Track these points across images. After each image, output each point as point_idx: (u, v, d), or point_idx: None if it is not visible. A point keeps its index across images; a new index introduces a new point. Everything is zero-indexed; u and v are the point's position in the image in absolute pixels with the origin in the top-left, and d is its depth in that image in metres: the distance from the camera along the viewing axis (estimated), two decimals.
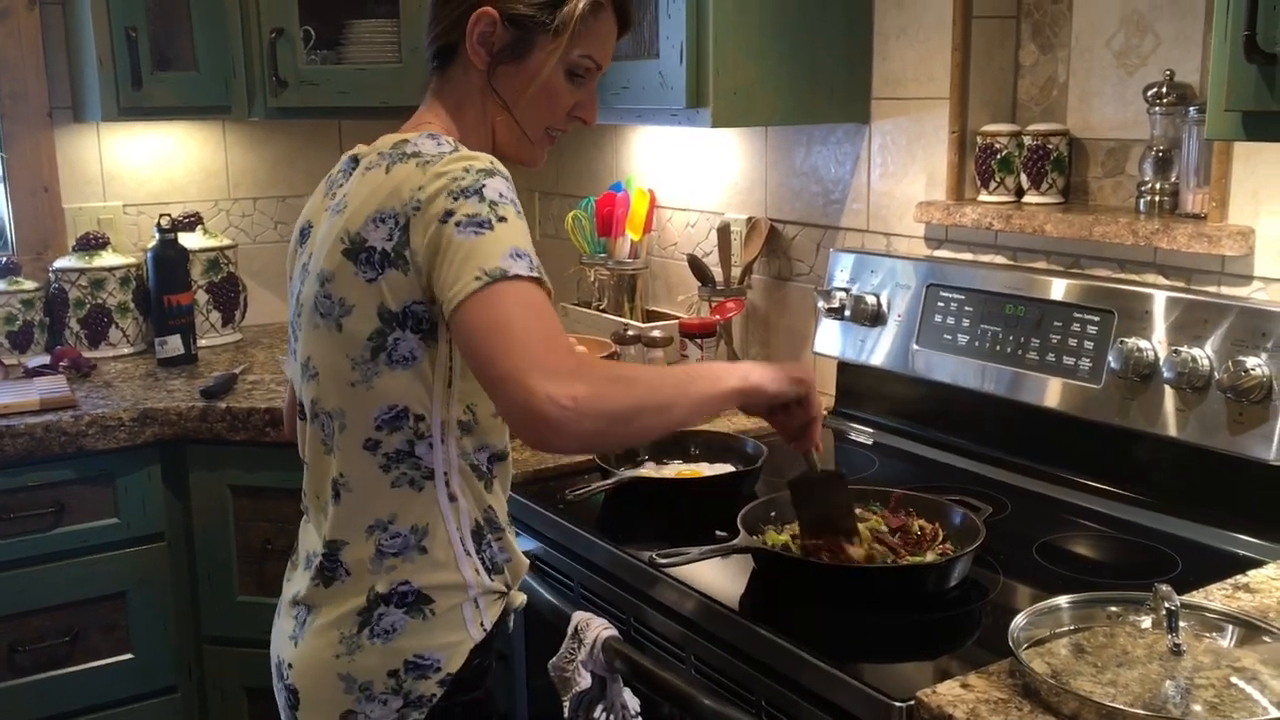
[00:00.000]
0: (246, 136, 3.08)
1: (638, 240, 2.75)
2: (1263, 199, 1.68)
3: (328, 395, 1.39)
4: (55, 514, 2.28)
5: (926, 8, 2.11)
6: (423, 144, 1.35)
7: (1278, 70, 1.22)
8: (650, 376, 1.36)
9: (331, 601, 1.39)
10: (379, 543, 1.37)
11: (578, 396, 1.19)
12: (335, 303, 1.34)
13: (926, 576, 1.48)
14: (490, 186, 1.28)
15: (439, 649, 1.37)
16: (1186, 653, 1.21)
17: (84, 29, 2.62)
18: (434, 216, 1.27)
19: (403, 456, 1.36)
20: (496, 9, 1.39)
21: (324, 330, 1.37)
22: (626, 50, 2.22)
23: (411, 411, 1.35)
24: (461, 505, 1.39)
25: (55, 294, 2.76)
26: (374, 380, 1.34)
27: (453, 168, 1.29)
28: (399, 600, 1.36)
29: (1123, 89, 1.92)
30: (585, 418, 1.19)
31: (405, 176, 1.31)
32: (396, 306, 1.31)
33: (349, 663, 1.36)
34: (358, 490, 1.38)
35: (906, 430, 2.13)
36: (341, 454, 1.38)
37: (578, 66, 1.43)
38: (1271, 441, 1.56)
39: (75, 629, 2.33)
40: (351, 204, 1.36)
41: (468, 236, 1.25)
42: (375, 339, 1.33)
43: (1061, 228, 1.87)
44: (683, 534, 1.64)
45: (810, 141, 2.40)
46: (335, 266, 1.34)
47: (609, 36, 1.46)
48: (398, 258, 1.30)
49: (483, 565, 1.40)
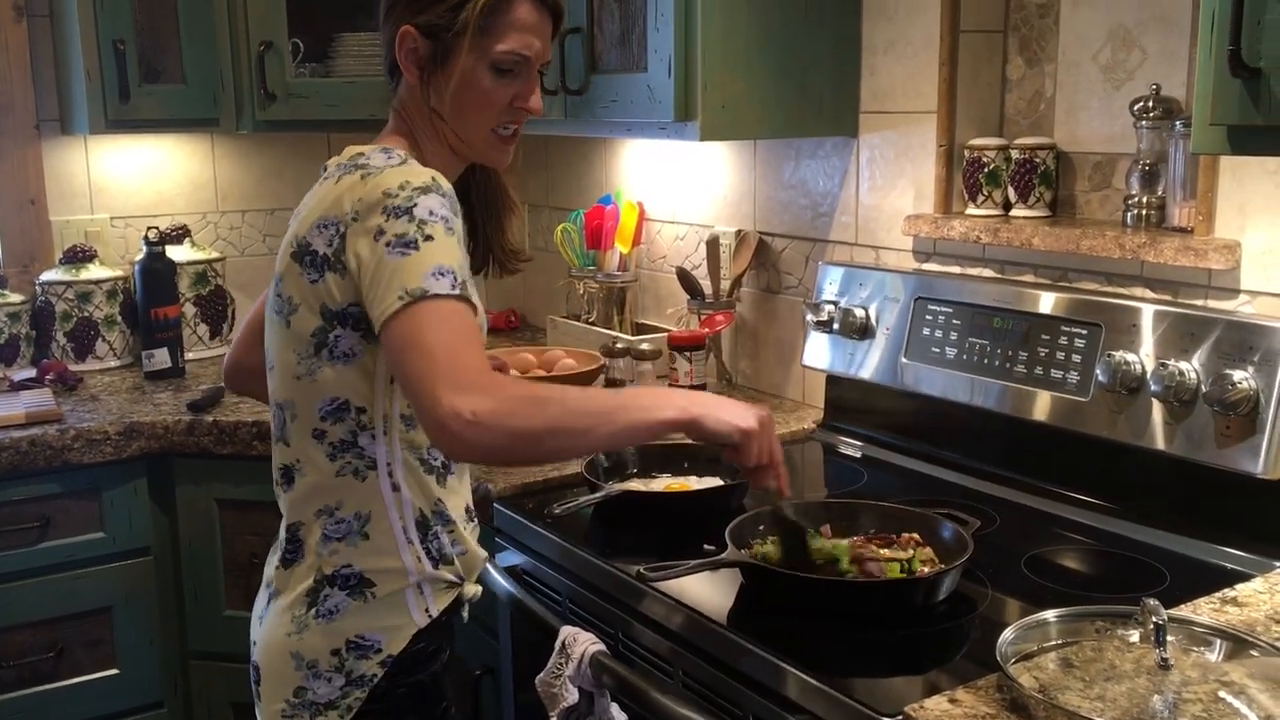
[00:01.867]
0: (235, 149, 3.07)
1: (627, 253, 2.75)
2: (1249, 213, 1.68)
3: (280, 387, 1.47)
4: (40, 528, 2.27)
5: (914, 23, 2.12)
6: (374, 157, 1.43)
7: (1262, 84, 1.22)
8: (571, 400, 1.37)
9: (288, 583, 1.47)
10: (325, 527, 1.45)
11: (479, 411, 1.24)
12: (285, 301, 1.44)
13: (915, 590, 1.47)
14: (422, 205, 1.34)
15: (380, 630, 1.44)
16: (1174, 667, 1.20)
17: (72, 42, 2.61)
18: (367, 231, 1.34)
19: (347, 446, 1.44)
20: (413, 25, 1.46)
21: (278, 327, 1.46)
22: (615, 63, 2.22)
23: (353, 404, 1.43)
24: (405, 496, 1.45)
25: (42, 307, 2.75)
26: (316, 374, 1.42)
27: (390, 183, 1.36)
28: (342, 582, 1.44)
29: (1109, 103, 1.93)
30: (487, 432, 1.24)
31: (349, 187, 1.39)
32: (336, 306, 1.39)
33: (298, 641, 1.44)
34: (309, 475, 1.46)
35: (895, 443, 2.13)
36: (294, 441, 1.47)
37: (501, 62, 1.46)
38: (1259, 455, 1.56)
39: (60, 644, 2.31)
40: (304, 211, 1.45)
41: (395, 256, 1.31)
42: (318, 335, 1.41)
43: (1049, 241, 1.87)
44: (671, 548, 1.64)
45: (799, 155, 2.41)
46: (285, 268, 1.44)
47: (532, 26, 1.47)
48: (336, 262, 1.38)
49: (426, 554, 1.47)
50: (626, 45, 2.19)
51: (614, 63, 2.23)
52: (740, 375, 2.59)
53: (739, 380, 2.58)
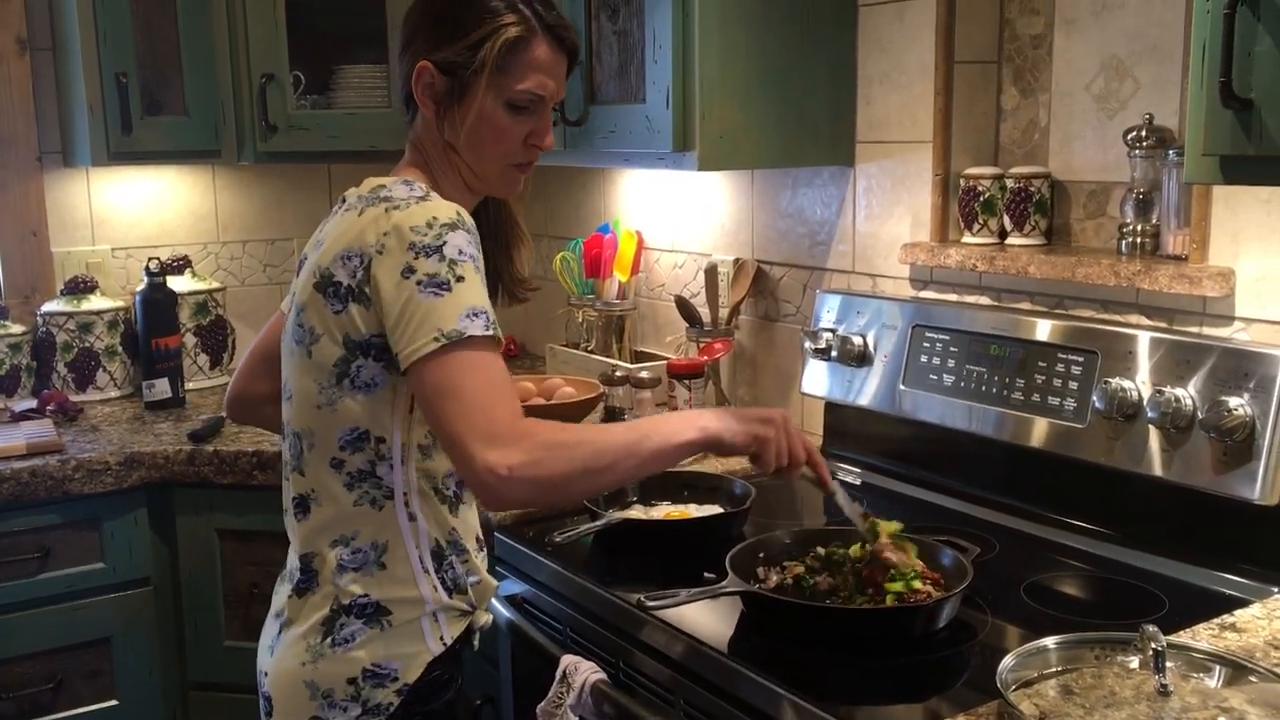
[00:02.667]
0: (236, 180, 3.09)
1: (625, 281, 2.76)
2: (1242, 240, 1.70)
3: (298, 416, 1.48)
4: (40, 559, 2.27)
5: (909, 53, 2.14)
6: (395, 190, 1.44)
7: (1253, 115, 1.24)
8: (596, 439, 1.39)
9: (303, 613, 1.47)
10: (340, 557, 1.45)
11: (513, 465, 1.29)
12: (306, 331, 1.44)
13: (915, 618, 1.48)
14: (451, 243, 1.36)
15: (396, 659, 1.44)
16: (1174, 693, 1.21)
17: (74, 75, 2.64)
18: (395, 268, 1.35)
19: (365, 476, 1.44)
20: (431, 61, 1.47)
21: (298, 356, 1.46)
22: (614, 95, 2.24)
23: (372, 434, 1.43)
24: (421, 525, 1.46)
25: (43, 338, 2.76)
26: (338, 403, 1.43)
27: (417, 219, 1.37)
28: (359, 611, 1.44)
29: (1103, 132, 1.95)
30: (521, 484, 1.30)
31: (373, 219, 1.40)
32: (359, 337, 1.40)
33: (314, 670, 1.44)
34: (325, 505, 1.46)
35: (894, 470, 2.14)
36: (311, 470, 1.47)
37: (517, 100, 1.48)
38: (1256, 481, 1.57)
39: (60, 675, 2.31)
40: (326, 242, 1.45)
41: (428, 296, 1.33)
42: (340, 365, 1.42)
43: (1044, 269, 1.89)
44: (671, 576, 1.64)
45: (796, 184, 2.42)
46: (308, 298, 1.44)
47: (548, 66, 1.50)
48: (360, 294, 1.39)
49: (441, 584, 1.47)
50: (625, 77, 2.21)
51: (613, 94, 2.25)
52: (739, 403, 2.59)
53: (738, 407, 2.59)
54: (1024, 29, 2.06)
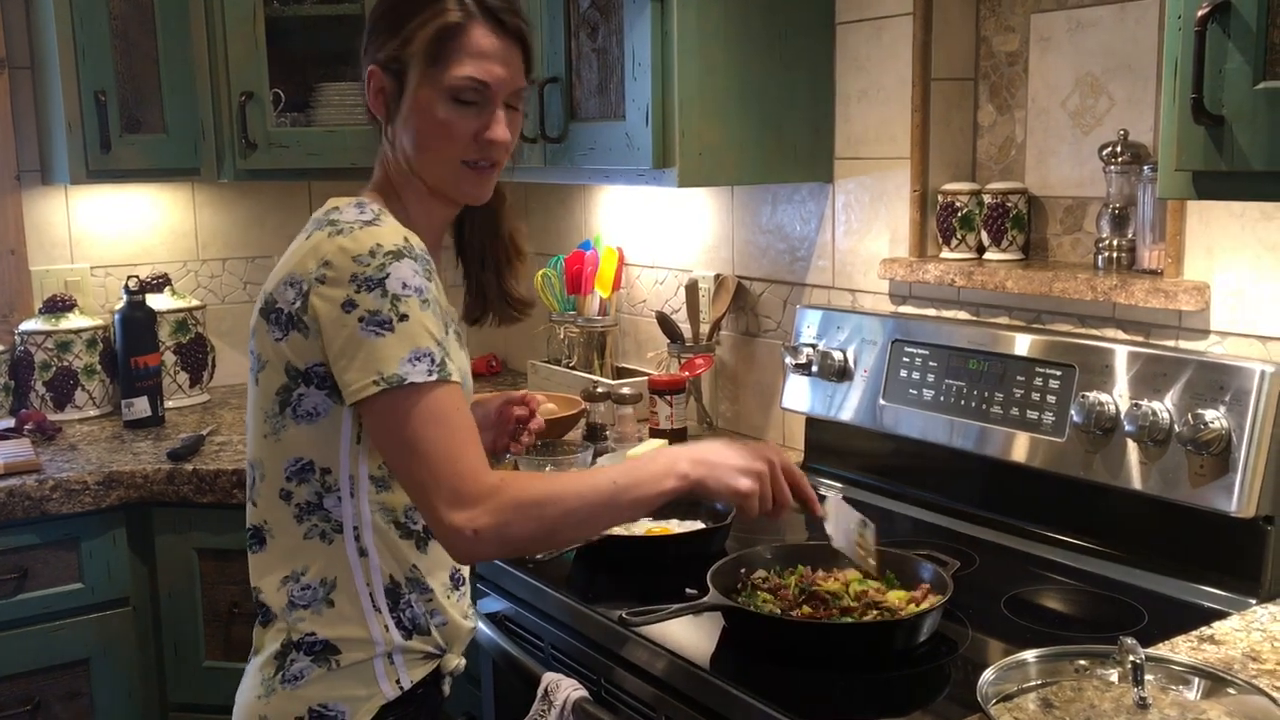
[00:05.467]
0: (216, 198, 3.08)
1: (607, 298, 2.77)
2: (1217, 254, 1.71)
3: (252, 446, 1.45)
4: (18, 579, 2.25)
5: (886, 71, 2.16)
6: (345, 213, 1.39)
7: (1225, 131, 1.25)
8: (569, 496, 1.34)
9: (263, 643, 1.44)
10: (291, 593, 1.41)
11: (479, 528, 1.27)
12: (256, 358, 1.42)
13: (895, 632, 1.48)
14: (394, 275, 1.31)
15: (344, 700, 1.39)
16: (1153, 706, 1.21)
17: (53, 93, 2.63)
18: (336, 300, 1.31)
19: (313, 508, 1.40)
20: (375, 63, 1.44)
21: (251, 385, 1.44)
22: (594, 112, 2.25)
23: (317, 465, 1.39)
24: (373, 561, 1.41)
25: (21, 357, 2.74)
26: (282, 433, 1.40)
27: (360, 247, 1.32)
28: (308, 649, 1.40)
29: (1079, 148, 1.97)
30: (488, 545, 1.29)
31: (316, 244, 1.35)
32: (301, 365, 1.36)
33: (265, 705, 1.41)
34: (278, 537, 1.43)
35: (874, 485, 2.14)
36: (263, 502, 1.44)
37: (460, 90, 1.40)
38: (1232, 493, 1.58)
39: (37, 697, 2.29)
40: (277, 266, 1.41)
41: (368, 335, 1.29)
42: (282, 394, 1.38)
43: (1022, 284, 1.90)
44: (653, 592, 1.64)
45: (775, 200, 2.44)
46: (256, 324, 1.41)
47: (491, 52, 1.41)
48: (299, 321, 1.35)
49: (396, 624, 1.41)
50: (605, 94, 2.22)
51: (593, 111, 2.26)
52: (721, 418, 2.60)
53: (719, 423, 2.59)
54: (1000, 46, 2.08)
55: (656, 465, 1.40)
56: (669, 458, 1.41)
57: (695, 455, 1.41)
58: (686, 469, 1.39)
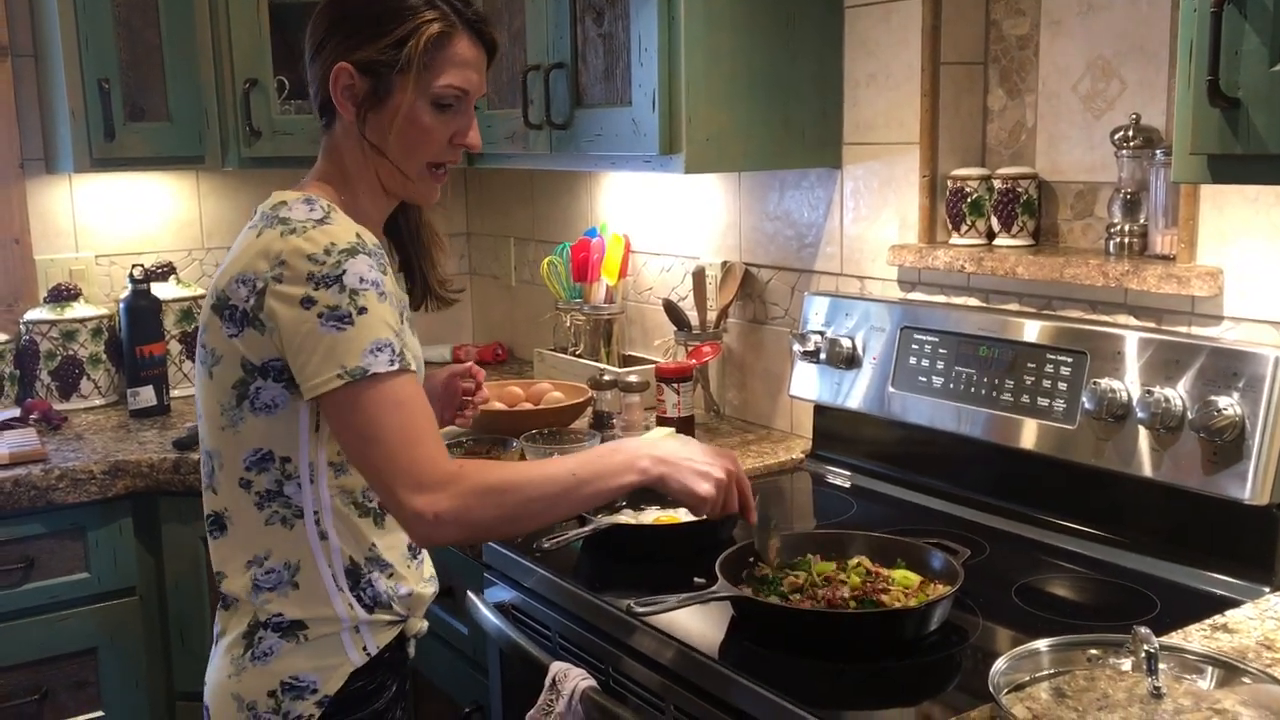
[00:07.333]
0: (220, 186, 3.07)
1: (613, 285, 2.75)
2: (1230, 239, 1.69)
3: (207, 436, 1.48)
4: (24, 569, 2.25)
5: (895, 55, 2.14)
6: (295, 210, 1.42)
7: (1240, 114, 1.23)
8: (528, 485, 1.40)
9: (229, 625, 1.49)
10: (255, 577, 1.45)
11: (440, 513, 1.31)
12: (208, 352, 1.43)
13: (906, 621, 1.47)
14: (351, 271, 1.34)
15: (314, 671, 1.44)
16: (1167, 695, 1.20)
17: (56, 81, 2.62)
18: (294, 297, 1.33)
19: (273, 496, 1.44)
20: (350, 61, 1.44)
21: (202, 377, 1.46)
22: (599, 98, 2.23)
23: (277, 454, 1.42)
24: (333, 543, 1.45)
25: (26, 346, 2.74)
26: (240, 424, 1.42)
27: (314, 246, 1.35)
28: (275, 627, 1.44)
29: (1090, 132, 1.95)
30: (448, 528, 1.33)
31: (269, 243, 1.37)
32: (257, 361, 1.39)
33: (237, 683, 1.45)
34: (238, 524, 1.46)
35: (884, 473, 2.13)
36: (223, 489, 1.47)
37: (442, 97, 1.46)
38: (1246, 481, 1.57)
39: (45, 686, 2.29)
40: (226, 261, 1.43)
41: (329, 330, 1.32)
42: (239, 387, 1.41)
43: (1033, 270, 1.88)
44: (661, 581, 1.63)
45: (783, 186, 2.42)
46: (207, 320, 1.43)
47: (471, 61, 1.48)
48: (254, 319, 1.37)
49: (359, 601, 1.46)
50: (611, 80, 2.20)
51: (599, 97, 2.24)
52: (728, 406, 2.59)
53: (727, 411, 2.58)
54: (1010, 30, 2.06)
55: (618, 459, 1.47)
56: (631, 452, 1.49)
57: (657, 453, 1.48)
58: (648, 465, 1.46)
